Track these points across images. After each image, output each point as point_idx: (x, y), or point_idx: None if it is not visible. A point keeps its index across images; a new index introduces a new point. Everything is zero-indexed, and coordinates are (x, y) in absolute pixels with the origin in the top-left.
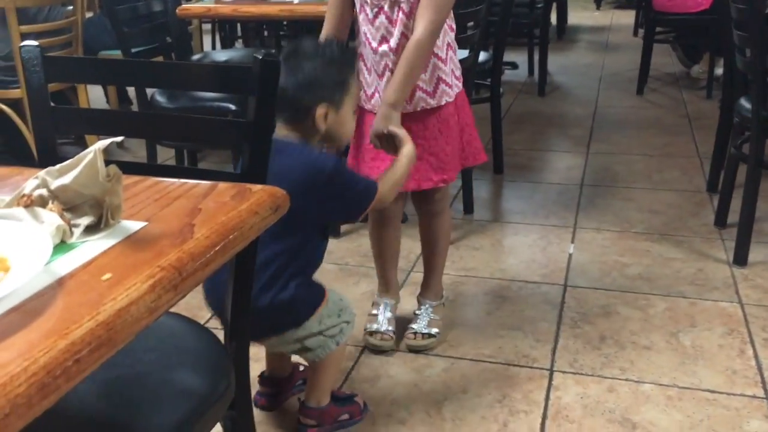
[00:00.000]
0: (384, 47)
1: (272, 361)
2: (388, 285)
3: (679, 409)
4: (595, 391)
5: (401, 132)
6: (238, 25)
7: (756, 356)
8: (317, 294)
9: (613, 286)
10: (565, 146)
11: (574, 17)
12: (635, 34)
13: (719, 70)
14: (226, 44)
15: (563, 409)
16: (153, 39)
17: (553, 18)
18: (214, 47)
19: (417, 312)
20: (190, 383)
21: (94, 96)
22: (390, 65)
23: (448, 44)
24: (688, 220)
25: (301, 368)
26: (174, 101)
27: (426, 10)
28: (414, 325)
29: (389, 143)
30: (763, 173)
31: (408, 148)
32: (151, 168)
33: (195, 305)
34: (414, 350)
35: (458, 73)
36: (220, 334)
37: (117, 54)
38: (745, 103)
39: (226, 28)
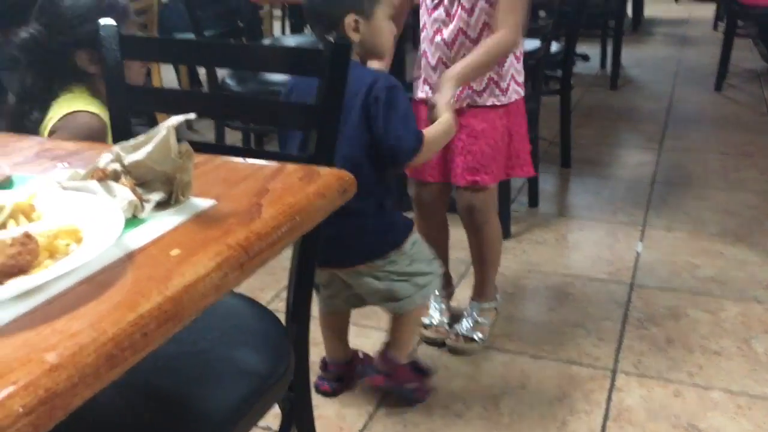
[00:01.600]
0: (438, 38)
1: (332, 346)
2: None
3: (749, 419)
4: (660, 394)
5: (443, 103)
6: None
7: None
8: (407, 220)
9: (682, 287)
10: (636, 142)
11: (651, 9)
12: (715, 27)
13: None
14: (296, 30)
15: (625, 411)
16: (225, 23)
17: (629, 9)
18: (283, 32)
19: (465, 312)
20: (250, 363)
21: (167, 78)
22: (444, 59)
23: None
24: (765, 223)
25: (361, 355)
26: (243, 85)
27: (511, 14)
28: (458, 326)
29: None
30: None
31: (446, 117)
32: (219, 148)
33: (257, 286)
34: (454, 352)
35: (519, 79)
36: (281, 317)
37: (190, 36)
38: None
39: (296, 13)
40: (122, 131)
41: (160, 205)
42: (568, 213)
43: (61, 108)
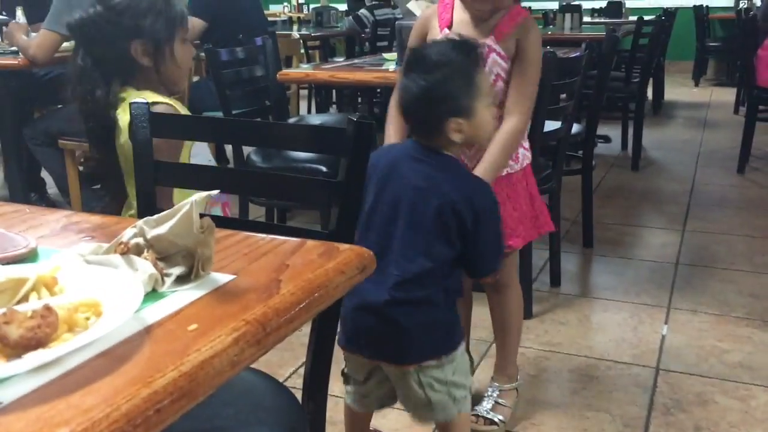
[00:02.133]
0: None
1: (354, 425)
2: None
3: None
4: None
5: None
6: (334, 91)
7: None
8: (460, 328)
9: (710, 372)
10: (659, 223)
11: (672, 93)
12: (736, 111)
13: None
14: (321, 109)
15: None
16: (253, 102)
17: (649, 93)
18: (309, 111)
19: (486, 394)
20: None
21: (194, 153)
22: None
23: None
24: None
25: None
26: (268, 161)
27: (521, 100)
28: (478, 407)
29: None
30: None
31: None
32: (241, 223)
33: (275, 362)
34: None
35: (526, 144)
36: (298, 394)
37: (218, 115)
38: None
39: (322, 93)
40: (148, 206)
41: (181, 279)
42: (591, 293)
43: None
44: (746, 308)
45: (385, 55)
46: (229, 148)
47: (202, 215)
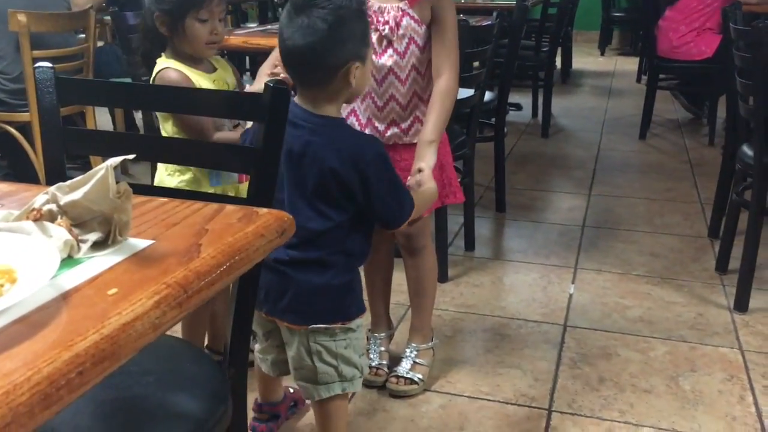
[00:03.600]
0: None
1: (266, 386)
2: (377, 319)
3: None
4: None
5: (428, 173)
6: (247, 57)
7: (756, 403)
8: (362, 304)
9: (613, 327)
10: (567, 187)
11: (579, 62)
12: (638, 80)
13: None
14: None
15: None
16: None
17: (558, 62)
18: None
19: (403, 355)
20: (188, 407)
21: (102, 122)
22: (372, 93)
23: None
24: (689, 265)
25: (291, 390)
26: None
27: (448, 60)
28: (397, 368)
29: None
30: (764, 220)
31: (432, 186)
32: (159, 191)
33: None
34: (394, 395)
35: None
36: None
37: (127, 81)
38: (747, 150)
39: (235, 60)
40: (57, 174)
41: (97, 246)
42: (504, 256)
43: (156, 67)
44: (646, 267)
45: None
46: (139, 117)
47: (117, 181)
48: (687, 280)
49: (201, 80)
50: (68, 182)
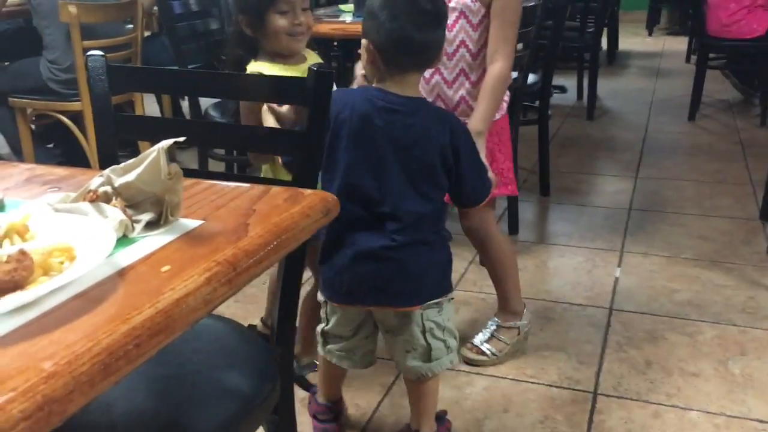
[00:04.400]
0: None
1: (334, 385)
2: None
3: None
4: (640, 416)
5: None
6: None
7: None
8: (450, 271)
9: (660, 311)
10: (613, 170)
11: (626, 43)
12: (687, 60)
13: None
14: None
15: None
16: (209, 56)
17: (604, 43)
18: None
19: (483, 328)
20: (236, 384)
21: (150, 112)
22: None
23: None
24: (739, 248)
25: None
26: (226, 115)
27: (503, 44)
28: (474, 338)
29: None
30: None
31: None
32: (206, 175)
33: (240, 315)
34: (466, 361)
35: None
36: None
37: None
38: None
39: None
40: (109, 160)
41: (150, 226)
42: (548, 240)
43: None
44: (694, 250)
45: (342, 7)
46: (185, 106)
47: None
48: (737, 263)
49: (292, 74)
50: (122, 165)
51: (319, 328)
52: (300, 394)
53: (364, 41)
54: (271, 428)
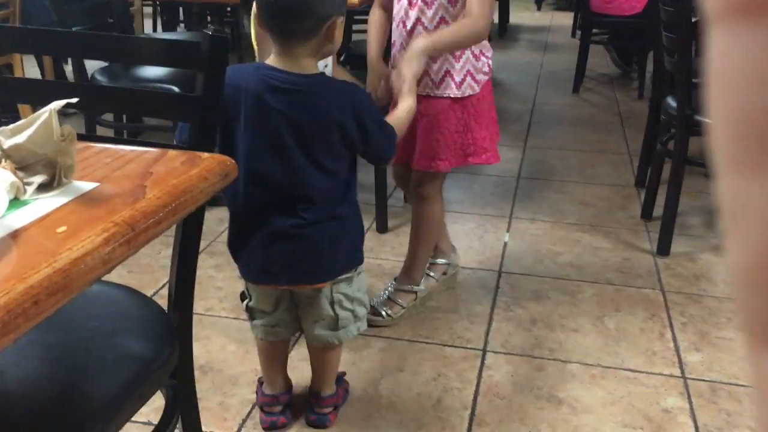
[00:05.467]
0: (400, 27)
1: (276, 377)
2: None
3: (602, 387)
4: (525, 370)
5: (410, 83)
6: (181, 8)
7: (674, 339)
8: (362, 243)
9: (545, 273)
10: (503, 140)
11: (516, 17)
12: (573, 35)
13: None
14: (168, 28)
15: (494, 386)
16: (93, 18)
17: (495, 17)
18: (155, 30)
19: (382, 290)
20: (134, 349)
21: (30, 74)
22: (405, 45)
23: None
24: (616, 213)
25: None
26: (114, 80)
27: (484, 4)
28: (372, 299)
29: (388, 91)
30: (686, 169)
31: (408, 103)
32: (98, 139)
33: (135, 285)
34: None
35: (478, 77)
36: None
37: None
38: (671, 102)
39: (168, 10)
40: None
41: (43, 188)
42: None
43: None
44: (576, 215)
45: None
46: (68, 71)
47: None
48: (614, 227)
49: None
50: (10, 126)
51: (244, 304)
52: (199, 361)
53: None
54: (170, 393)
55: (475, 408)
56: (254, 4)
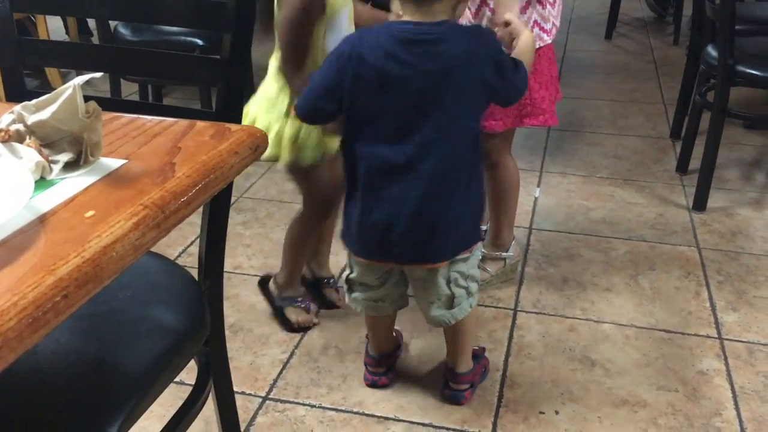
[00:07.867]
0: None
1: (382, 343)
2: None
3: (636, 348)
4: (557, 330)
5: (517, 21)
6: None
7: (710, 298)
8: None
9: (576, 229)
10: None
11: None
12: None
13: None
14: None
15: (526, 347)
16: None
17: None
18: None
19: None
20: (166, 319)
21: (53, 27)
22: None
23: None
24: (650, 166)
25: (395, 333)
26: (138, 34)
27: None
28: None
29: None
30: (725, 121)
31: (527, 35)
32: (122, 104)
33: (163, 242)
34: None
35: (546, 26)
36: (191, 272)
37: None
38: (711, 51)
39: None
40: (16, 87)
41: (69, 166)
42: None
43: None
44: (609, 169)
45: None
46: (92, 22)
47: (86, 99)
48: (648, 181)
49: None
50: (34, 101)
51: (344, 275)
52: (228, 320)
53: None
54: (203, 360)
55: (507, 369)
56: None
